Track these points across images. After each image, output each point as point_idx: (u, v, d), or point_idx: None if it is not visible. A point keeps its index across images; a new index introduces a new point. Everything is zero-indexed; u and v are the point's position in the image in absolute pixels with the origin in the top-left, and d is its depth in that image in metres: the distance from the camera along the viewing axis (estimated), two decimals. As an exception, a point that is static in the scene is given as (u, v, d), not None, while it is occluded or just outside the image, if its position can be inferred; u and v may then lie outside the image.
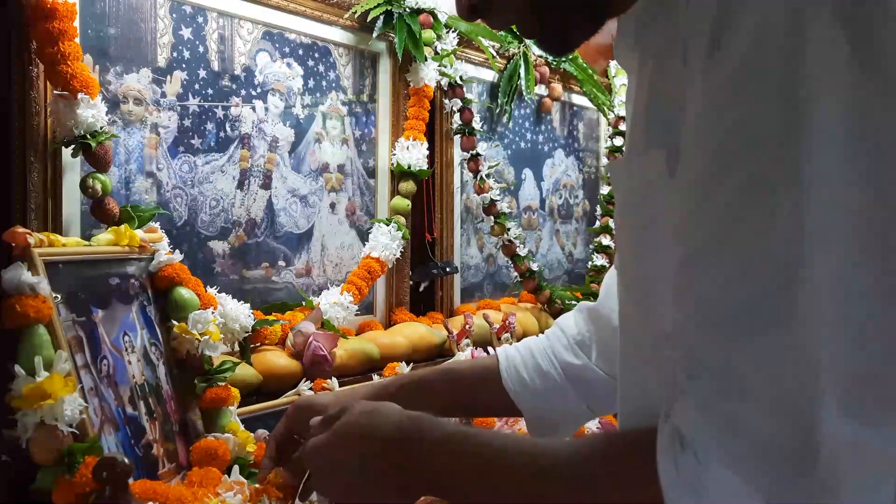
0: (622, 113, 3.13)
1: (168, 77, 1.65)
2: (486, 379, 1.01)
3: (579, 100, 2.99)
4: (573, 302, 2.64)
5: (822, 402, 0.44)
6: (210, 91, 1.73)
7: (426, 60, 2.14)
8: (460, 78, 2.31)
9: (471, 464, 0.62)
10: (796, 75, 0.46)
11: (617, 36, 0.68)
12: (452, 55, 2.26)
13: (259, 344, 1.72)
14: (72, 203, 1.46)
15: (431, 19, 2.16)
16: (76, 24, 1.39)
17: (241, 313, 1.64)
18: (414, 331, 2.06)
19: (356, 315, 2.00)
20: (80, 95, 1.37)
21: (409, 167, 2.14)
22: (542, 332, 1.11)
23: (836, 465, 0.44)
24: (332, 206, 2.04)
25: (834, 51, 0.45)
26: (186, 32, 1.68)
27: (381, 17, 2.05)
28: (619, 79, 3.15)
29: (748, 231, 0.46)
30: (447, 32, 2.23)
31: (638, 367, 0.64)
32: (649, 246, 0.59)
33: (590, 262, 3.05)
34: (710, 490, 0.46)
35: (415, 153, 2.14)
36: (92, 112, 1.39)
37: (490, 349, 2.23)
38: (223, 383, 1.45)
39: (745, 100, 0.48)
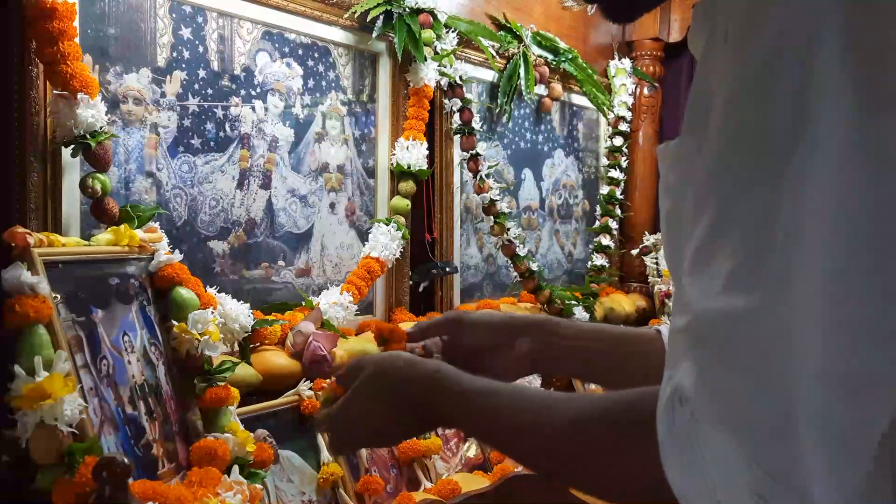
0: (622, 113, 3.14)
1: (168, 77, 1.65)
2: (640, 343, 0.95)
3: (579, 100, 2.99)
4: (573, 302, 2.65)
5: (805, 377, 0.47)
6: (210, 91, 1.73)
7: (426, 60, 2.15)
8: (460, 78, 2.31)
9: (488, 415, 0.70)
10: (808, 77, 0.49)
11: (691, 24, 0.70)
12: (452, 55, 2.26)
13: (259, 344, 1.72)
14: (71, 203, 1.46)
15: (431, 19, 2.16)
16: (76, 24, 1.39)
17: (240, 313, 1.64)
18: (413, 331, 2.06)
19: (356, 315, 1.99)
20: (79, 95, 1.37)
21: (409, 167, 2.14)
22: None
23: (815, 437, 0.47)
24: (332, 205, 2.04)
25: (843, 57, 0.48)
26: (186, 32, 1.68)
27: (381, 17, 2.05)
28: (619, 79, 3.15)
29: (750, 214, 0.50)
30: (447, 32, 2.23)
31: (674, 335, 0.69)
32: (680, 225, 0.63)
33: (589, 262, 3.06)
34: (701, 444, 0.50)
35: (414, 153, 2.14)
36: (92, 112, 1.39)
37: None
38: (223, 383, 1.45)
39: (754, 100, 0.51)
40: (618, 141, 3.14)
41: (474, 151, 2.36)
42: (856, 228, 0.47)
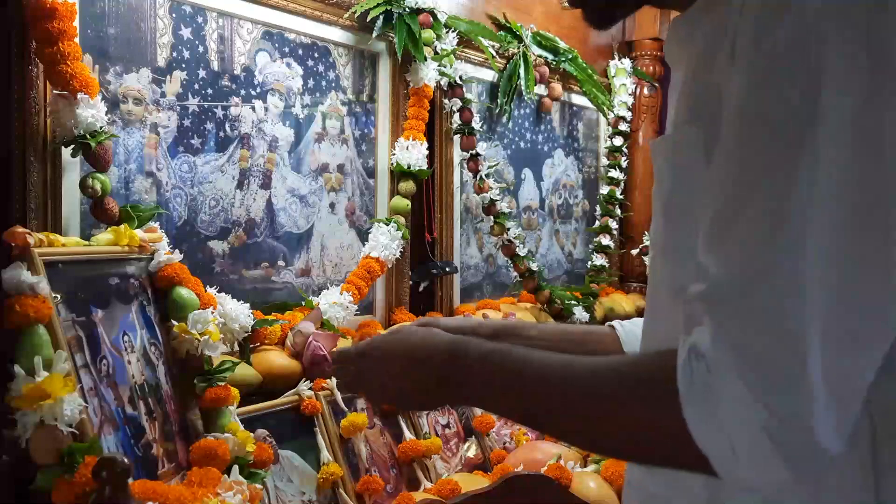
0: (622, 113, 3.14)
1: (168, 77, 1.65)
2: (601, 342, 0.99)
3: (579, 100, 2.99)
4: (572, 302, 2.65)
5: (813, 335, 0.55)
6: (210, 91, 1.73)
7: (426, 60, 2.15)
8: (460, 78, 2.31)
9: (509, 376, 0.71)
10: (817, 76, 0.56)
11: (668, 34, 0.78)
12: (452, 55, 2.26)
13: (259, 344, 1.72)
14: (72, 203, 1.46)
15: (431, 19, 2.16)
16: (76, 24, 1.39)
17: (240, 313, 1.64)
18: (413, 331, 2.06)
19: (356, 315, 2.00)
20: (79, 95, 1.37)
21: (409, 167, 2.14)
22: None
23: (819, 384, 0.55)
24: (332, 205, 2.04)
25: (852, 55, 0.56)
26: (186, 32, 1.68)
27: (381, 17, 2.05)
28: (619, 79, 3.15)
29: (768, 193, 0.57)
30: (447, 32, 2.23)
31: (663, 312, 0.74)
32: (679, 210, 0.70)
33: (589, 262, 3.05)
34: (719, 394, 0.56)
35: (414, 153, 2.14)
36: (91, 112, 1.39)
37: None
38: (223, 383, 1.45)
39: (773, 92, 0.58)
40: (618, 141, 3.14)
41: (474, 151, 2.36)
42: (858, 207, 0.56)
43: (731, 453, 0.57)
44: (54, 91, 1.39)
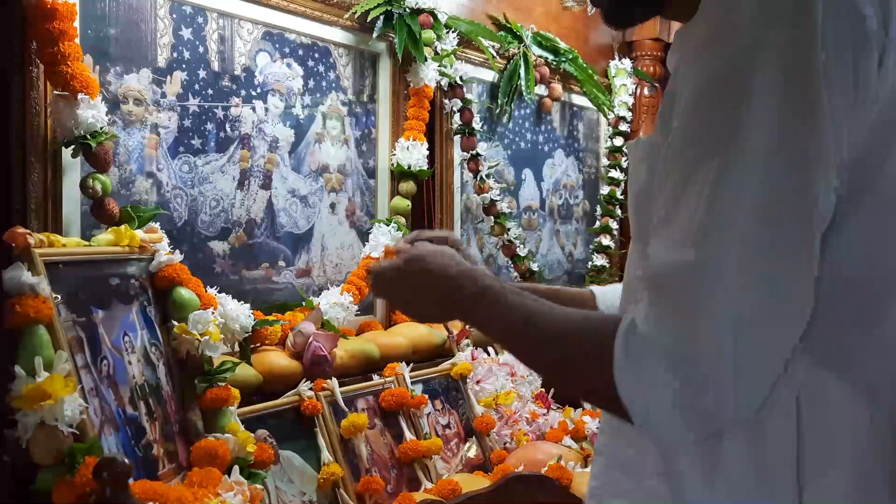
0: (622, 113, 3.14)
1: (168, 77, 1.65)
2: (583, 305, 1.09)
3: (579, 100, 2.99)
4: (573, 302, 2.64)
5: (728, 319, 0.63)
6: (210, 91, 1.73)
7: (426, 61, 2.15)
8: (460, 78, 2.31)
9: (499, 311, 0.81)
10: (747, 88, 0.64)
11: (672, 45, 0.84)
12: (452, 55, 2.26)
13: (259, 344, 1.72)
14: (72, 203, 1.46)
15: (431, 19, 2.16)
16: (76, 24, 1.39)
17: (241, 313, 1.64)
18: (414, 331, 2.06)
19: (356, 315, 2.00)
20: (80, 96, 1.37)
21: (409, 167, 2.14)
22: None
23: (731, 364, 0.63)
24: (332, 206, 2.04)
25: (774, 75, 0.64)
26: (186, 33, 1.68)
27: (381, 18, 2.05)
28: (619, 79, 3.15)
29: (697, 193, 0.65)
30: (447, 33, 2.23)
31: (633, 296, 0.82)
32: (645, 206, 0.77)
33: (590, 262, 3.05)
34: (643, 363, 0.66)
35: (415, 153, 2.14)
36: (92, 112, 1.39)
37: (490, 349, 2.23)
38: (223, 383, 1.45)
39: (712, 98, 0.67)
40: (618, 141, 3.14)
41: (474, 152, 2.36)
42: (769, 210, 0.63)
43: (647, 413, 0.66)
44: (55, 91, 1.39)
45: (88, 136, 1.39)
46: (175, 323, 1.44)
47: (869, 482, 0.69)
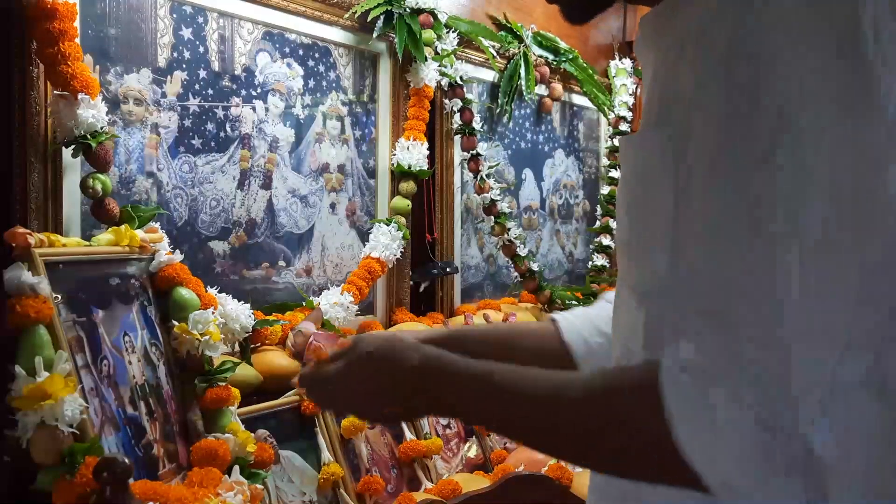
0: (622, 113, 3.14)
1: (168, 77, 1.65)
2: (541, 339, 0.99)
3: (579, 100, 2.99)
4: (573, 302, 2.64)
5: (796, 341, 0.55)
6: (210, 91, 1.73)
7: (426, 60, 2.15)
8: (460, 78, 2.31)
9: (490, 394, 0.70)
10: (795, 87, 0.56)
11: (638, 33, 0.77)
12: (452, 55, 2.26)
13: (259, 344, 1.72)
14: (72, 203, 1.46)
15: (431, 19, 2.16)
16: (76, 24, 1.39)
17: (241, 313, 1.64)
18: (414, 331, 2.06)
19: (356, 315, 2.00)
20: (80, 96, 1.37)
21: (410, 167, 2.14)
22: None
23: (806, 387, 0.54)
24: (333, 206, 2.04)
25: (826, 71, 0.56)
26: (187, 33, 1.68)
27: (382, 18, 2.05)
28: (619, 79, 3.15)
29: (738, 209, 0.58)
30: (447, 32, 2.23)
31: (625, 305, 0.74)
32: (642, 211, 0.70)
33: (590, 262, 3.05)
34: (711, 407, 0.56)
35: (415, 153, 2.14)
36: (92, 112, 1.39)
37: (490, 349, 2.23)
38: (223, 383, 1.45)
39: (744, 107, 0.58)
40: (618, 141, 3.14)
41: (475, 152, 2.36)
42: (831, 214, 0.55)
43: (727, 465, 0.56)
44: (55, 91, 1.39)
45: (89, 136, 1.39)
46: (175, 323, 1.44)
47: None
